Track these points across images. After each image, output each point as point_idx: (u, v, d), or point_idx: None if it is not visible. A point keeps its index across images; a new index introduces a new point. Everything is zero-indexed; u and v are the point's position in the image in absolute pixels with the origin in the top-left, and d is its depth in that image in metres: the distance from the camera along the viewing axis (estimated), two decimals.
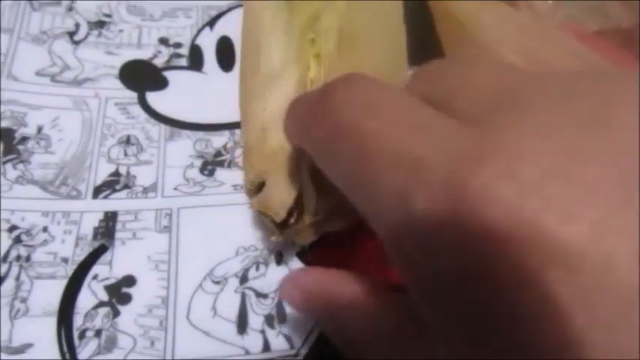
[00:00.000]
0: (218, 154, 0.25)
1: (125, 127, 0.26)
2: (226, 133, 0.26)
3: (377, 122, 0.13)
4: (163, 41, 0.30)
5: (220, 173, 0.25)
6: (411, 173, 0.11)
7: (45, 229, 0.22)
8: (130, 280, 0.21)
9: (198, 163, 0.25)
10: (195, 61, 0.29)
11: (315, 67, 0.23)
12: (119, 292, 0.21)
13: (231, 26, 0.30)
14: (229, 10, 0.31)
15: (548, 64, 0.23)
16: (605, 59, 0.24)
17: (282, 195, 0.20)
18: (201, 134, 0.26)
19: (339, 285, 0.16)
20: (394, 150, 0.12)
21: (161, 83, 0.28)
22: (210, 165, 0.25)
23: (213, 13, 0.31)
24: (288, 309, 0.21)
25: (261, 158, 0.21)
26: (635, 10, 0.28)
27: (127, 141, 0.25)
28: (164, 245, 0.22)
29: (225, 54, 0.29)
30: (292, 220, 0.20)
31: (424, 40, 0.29)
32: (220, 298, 0.21)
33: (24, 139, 0.25)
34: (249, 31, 0.25)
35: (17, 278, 0.21)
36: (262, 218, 0.21)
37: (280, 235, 0.21)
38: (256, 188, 0.21)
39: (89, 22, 0.30)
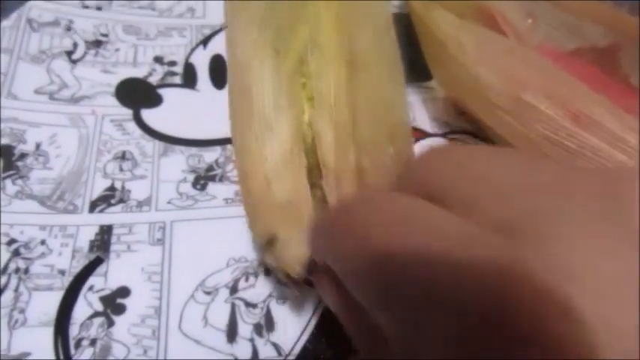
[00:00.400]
0: (210, 168, 0.26)
1: (120, 143, 0.27)
2: (218, 149, 0.27)
3: (400, 238, 0.13)
4: (158, 60, 0.31)
5: (212, 187, 0.26)
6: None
7: (43, 243, 0.23)
8: (124, 291, 0.22)
9: (191, 177, 0.26)
10: (189, 78, 0.30)
11: (310, 110, 0.23)
12: (114, 303, 0.22)
13: (224, 45, 0.31)
14: (222, 29, 0.33)
15: (525, 85, 0.24)
16: (580, 78, 0.25)
17: (296, 251, 0.20)
18: (193, 150, 0.27)
19: None
20: (424, 260, 0.12)
21: (156, 100, 0.29)
22: (203, 179, 0.26)
23: (207, 32, 0.32)
24: (276, 318, 0.22)
25: (269, 212, 0.21)
26: (610, 30, 0.29)
27: (123, 156, 0.26)
28: (157, 257, 0.23)
29: (218, 72, 0.30)
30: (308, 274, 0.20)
31: (412, 58, 0.30)
32: (211, 308, 0.22)
33: (23, 156, 0.26)
34: (238, 76, 0.25)
35: (16, 290, 0.22)
36: (276, 272, 0.21)
37: (299, 289, 0.21)
38: (267, 242, 0.21)
39: (87, 42, 0.31)
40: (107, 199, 0.25)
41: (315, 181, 0.22)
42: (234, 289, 0.22)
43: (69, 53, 0.30)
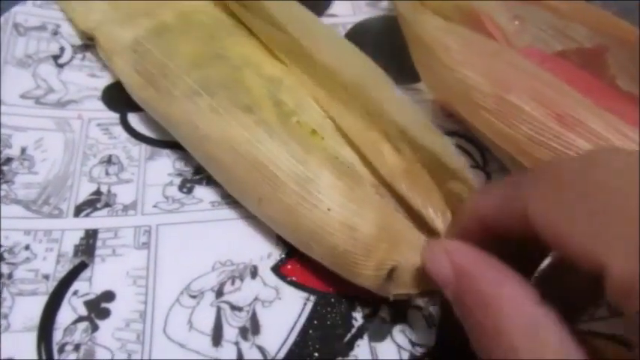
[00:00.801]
0: (197, 172, 0.26)
1: (107, 147, 0.27)
2: None
3: None
4: None
5: (199, 190, 0.26)
6: None
7: (27, 247, 0.23)
8: (109, 296, 0.22)
9: (178, 181, 0.26)
10: None
11: (321, 142, 0.23)
12: (98, 307, 0.22)
13: None
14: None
15: (510, 86, 0.24)
16: (566, 80, 0.25)
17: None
18: (180, 153, 0.27)
19: (495, 281, 0.15)
20: None
21: None
22: (189, 183, 0.26)
23: None
24: (262, 321, 0.22)
25: (371, 250, 0.20)
26: (597, 32, 0.30)
27: (109, 160, 0.26)
28: (143, 261, 0.23)
29: None
30: None
31: (400, 60, 0.30)
32: (196, 311, 0.22)
33: (8, 160, 0.26)
34: (228, 154, 0.23)
35: None
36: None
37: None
38: (388, 277, 0.20)
39: (73, 46, 0.31)
40: (93, 203, 0.25)
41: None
42: (219, 293, 0.22)
43: (55, 57, 0.30)
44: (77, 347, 0.20)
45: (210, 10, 0.29)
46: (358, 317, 0.22)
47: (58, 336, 0.21)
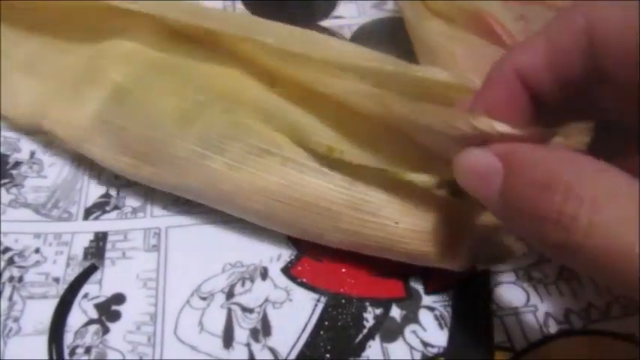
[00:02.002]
0: None
1: None
2: None
3: None
4: None
5: None
6: None
7: (37, 251, 0.23)
8: (119, 298, 0.22)
9: None
10: None
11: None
12: (109, 310, 0.22)
13: None
14: None
15: None
16: None
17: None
18: None
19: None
20: None
21: None
22: None
23: None
24: (273, 322, 0.22)
25: (451, 241, 0.20)
26: None
27: None
28: (152, 263, 0.23)
29: None
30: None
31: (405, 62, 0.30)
32: (207, 313, 0.22)
33: (17, 164, 0.26)
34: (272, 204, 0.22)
35: (10, 298, 0.22)
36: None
37: None
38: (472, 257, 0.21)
39: None
40: (102, 206, 0.25)
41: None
42: (230, 294, 0.22)
43: None
44: (88, 350, 0.20)
45: (150, 42, 0.25)
46: (369, 318, 0.22)
47: (69, 339, 0.21)
